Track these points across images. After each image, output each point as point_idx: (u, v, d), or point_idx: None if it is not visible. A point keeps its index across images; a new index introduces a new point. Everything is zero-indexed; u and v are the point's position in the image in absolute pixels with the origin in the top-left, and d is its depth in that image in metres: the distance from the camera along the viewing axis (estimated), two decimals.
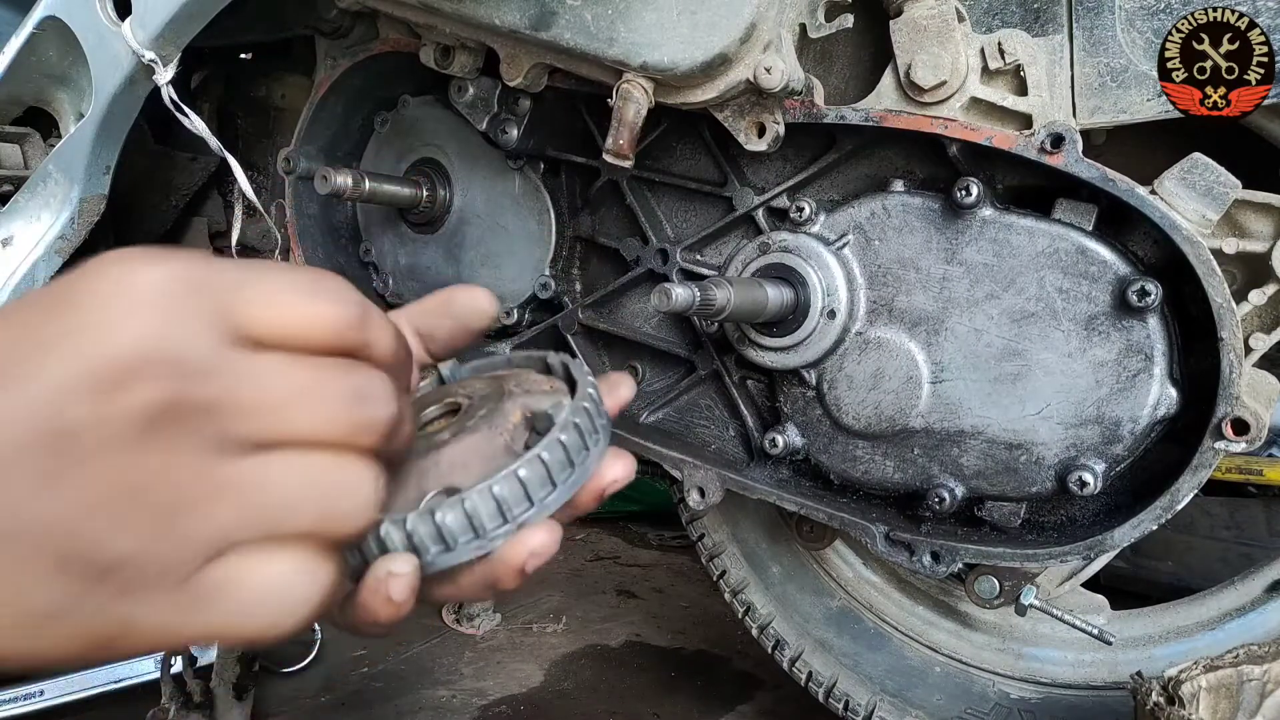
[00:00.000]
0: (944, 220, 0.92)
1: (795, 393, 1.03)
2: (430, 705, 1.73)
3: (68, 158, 1.23)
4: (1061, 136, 0.83)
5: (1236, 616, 1.21)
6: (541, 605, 2.26)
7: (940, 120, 0.88)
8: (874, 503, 1.03)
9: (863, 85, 0.98)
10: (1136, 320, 0.85)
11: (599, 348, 1.25)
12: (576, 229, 1.23)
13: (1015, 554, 0.93)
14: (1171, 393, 0.86)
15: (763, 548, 1.47)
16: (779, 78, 0.86)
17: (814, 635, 1.41)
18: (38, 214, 1.26)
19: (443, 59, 1.10)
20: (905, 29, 0.88)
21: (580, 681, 1.85)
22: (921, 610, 1.37)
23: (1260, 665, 0.91)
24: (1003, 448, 0.91)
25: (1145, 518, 0.87)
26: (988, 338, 0.91)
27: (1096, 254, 0.86)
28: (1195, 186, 0.83)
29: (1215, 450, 0.83)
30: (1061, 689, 1.25)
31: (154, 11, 1.09)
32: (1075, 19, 0.89)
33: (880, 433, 0.97)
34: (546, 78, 1.03)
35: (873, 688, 1.34)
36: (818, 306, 0.96)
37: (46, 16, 1.18)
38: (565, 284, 1.23)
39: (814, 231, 0.98)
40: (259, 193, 1.29)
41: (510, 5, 0.93)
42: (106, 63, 1.15)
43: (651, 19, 0.87)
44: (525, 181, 1.22)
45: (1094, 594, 1.24)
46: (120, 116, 1.20)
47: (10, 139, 1.33)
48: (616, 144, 0.90)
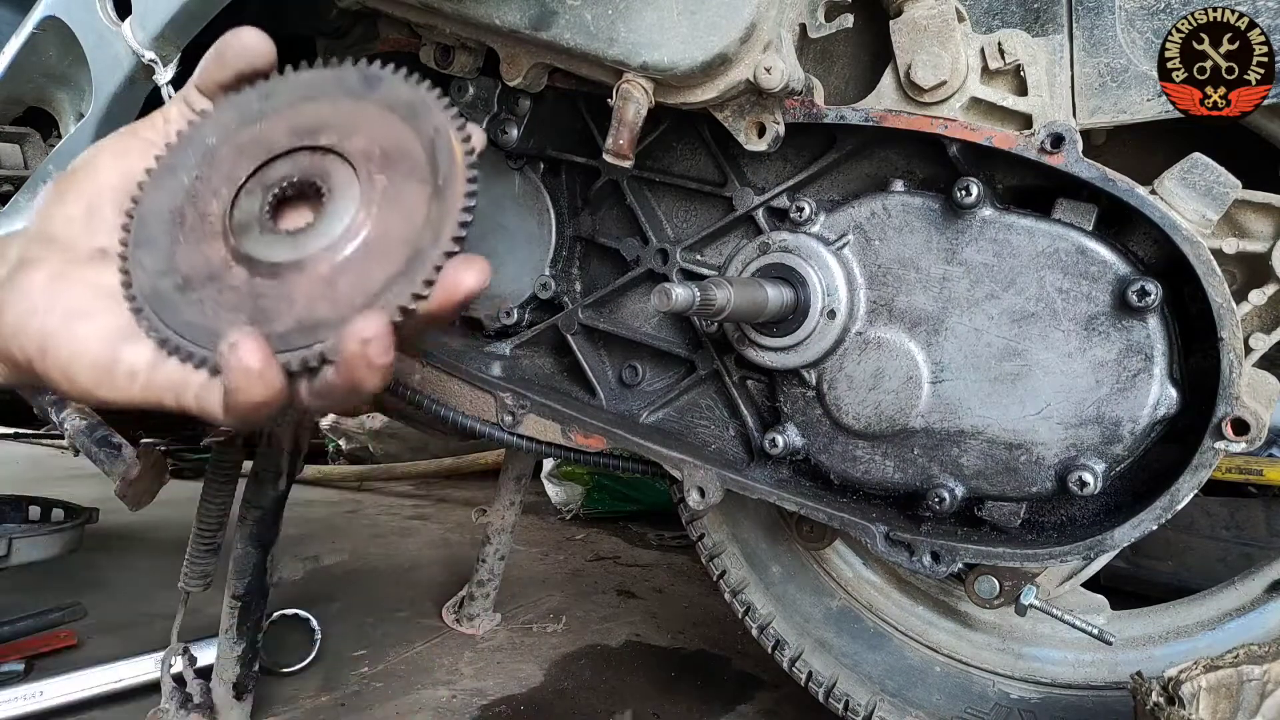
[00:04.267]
0: (944, 220, 0.92)
1: (795, 393, 1.03)
2: (430, 705, 1.73)
3: (68, 158, 1.22)
4: (1061, 136, 0.83)
5: (1236, 616, 1.21)
6: (541, 605, 2.26)
7: (940, 120, 0.88)
8: (874, 503, 1.03)
9: (863, 85, 0.98)
10: (1136, 320, 0.85)
11: (599, 347, 1.25)
12: (576, 229, 1.23)
13: (1015, 554, 0.93)
14: (1171, 393, 0.86)
15: (763, 548, 1.46)
16: (779, 78, 0.86)
17: (814, 635, 1.41)
18: None
19: (443, 59, 1.10)
20: (905, 29, 0.88)
21: (580, 681, 1.85)
22: (921, 610, 1.37)
23: (1260, 665, 0.91)
24: (1003, 448, 0.91)
25: (1145, 518, 0.87)
26: (988, 338, 0.91)
27: (1096, 254, 0.86)
28: (1195, 186, 0.83)
29: (1215, 450, 0.83)
30: (1061, 689, 1.25)
31: (154, 11, 1.09)
32: (1075, 19, 0.89)
33: (880, 433, 0.97)
34: (546, 78, 1.03)
35: (873, 688, 1.34)
36: (818, 306, 0.96)
37: (46, 16, 1.18)
38: (565, 284, 1.23)
39: (814, 231, 0.98)
40: None
41: (510, 5, 0.93)
42: (106, 63, 1.15)
43: (651, 19, 0.87)
44: (525, 181, 1.22)
45: (1094, 594, 1.24)
46: (120, 116, 1.20)
47: (10, 139, 1.33)
48: (616, 144, 0.89)
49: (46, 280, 0.55)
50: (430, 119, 0.54)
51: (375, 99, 0.56)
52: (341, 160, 0.54)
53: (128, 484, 1.31)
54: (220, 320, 0.52)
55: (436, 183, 0.52)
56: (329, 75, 0.57)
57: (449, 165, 0.52)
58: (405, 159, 0.53)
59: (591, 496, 2.99)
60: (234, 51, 0.58)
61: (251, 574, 1.57)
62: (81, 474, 2.89)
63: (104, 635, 1.98)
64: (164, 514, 2.05)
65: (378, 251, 0.51)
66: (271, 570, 1.56)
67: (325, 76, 0.57)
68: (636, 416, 1.18)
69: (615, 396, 1.22)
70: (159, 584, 1.90)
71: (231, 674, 1.58)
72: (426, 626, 2.10)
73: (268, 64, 0.58)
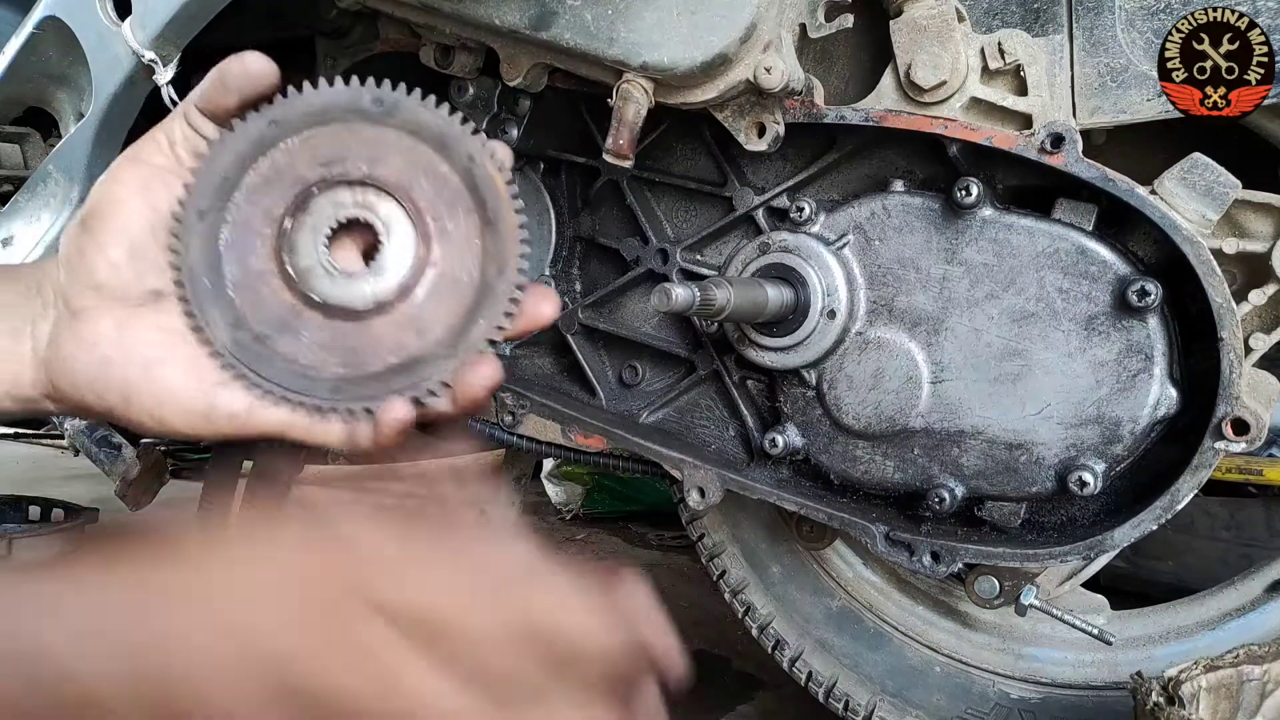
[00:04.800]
0: (944, 220, 0.92)
1: (795, 393, 1.03)
2: None
3: (68, 158, 1.23)
4: (1061, 136, 0.83)
5: (1236, 616, 1.21)
6: None
7: (940, 120, 0.88)
8: (874, 503, 1.03)
9: (863, 85, 0.98)
10: (1136, 320, 0.85)
11: (599, 347, 1.25)
12: (576, 229, 1.23)
13: (1015, 554, 0.93)
14: (1171, 393, 0.86)
15: (763, 548, 1.46)
16: (779, 78, 0.86)
17: (814, 635, 1.41)
18: (38, 214, 1.26)
19: (443, 59, 1.10)
20: (905, 29, 0.88)
21: None
22: (921, 610, 1.37)
23: (1260, 665, 0.91)
24: (1003, 448, 0.91)
25: (1145, 518, 0.87)
26: (988, 338, 0.91)
27: (1096, 254, 0.86)
28: (1195, 186, 0.83)
29: (1215, 450, 0.83)
30: (1061, 689, 1.25)
31: (154, 11, 1.09)
32: (1075, 19, 0.89)
33: (880, 433, 0.97)
34: (546, 78, 1.03)
35: (873, 688, 1.34)
36: (818, 306, 0.96)
37: (46, 16, 1.18)
38: (565, 284, 1.23)
39: (814, 231, 0.98)
40: None
41: (510, 5, 0.92)
42: (106, 63, 1.15)
43: (651, 19, 0.87)
44: (525, 181, 1.22)
45: (1094, 594, 1.24)
46: (120, 116, 1.20)
47: (10, 139, 1.33)
48: (616, 144, 0.89)
49: (114, 330, 0.56)
50: (461, 146, 0.55)
51: (394, 124, 0.56)
52: (384, 194, 0.55)
53: (128, 484, 1.31)
54: (314, 367, 0.55)
55: (485, 214, 0.54)
56: (339, 97, 0.56)
57: (494, 197, 0.55)
58: (445, 189, 0.55)
59: (591, 496, 2.98)
60: (236, 75, 0.57)
61: None
62: (81, 474, 2.88)
63: None
64: (164, 514, 2.05)
65: (448, 287, 0.55)
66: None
67: (335, 98, 0.56)
68: (636, 416, 1.18)
69: (615, 396, 1.22)
70: None
71: None
72: None
73: (271, 87, 0.57)
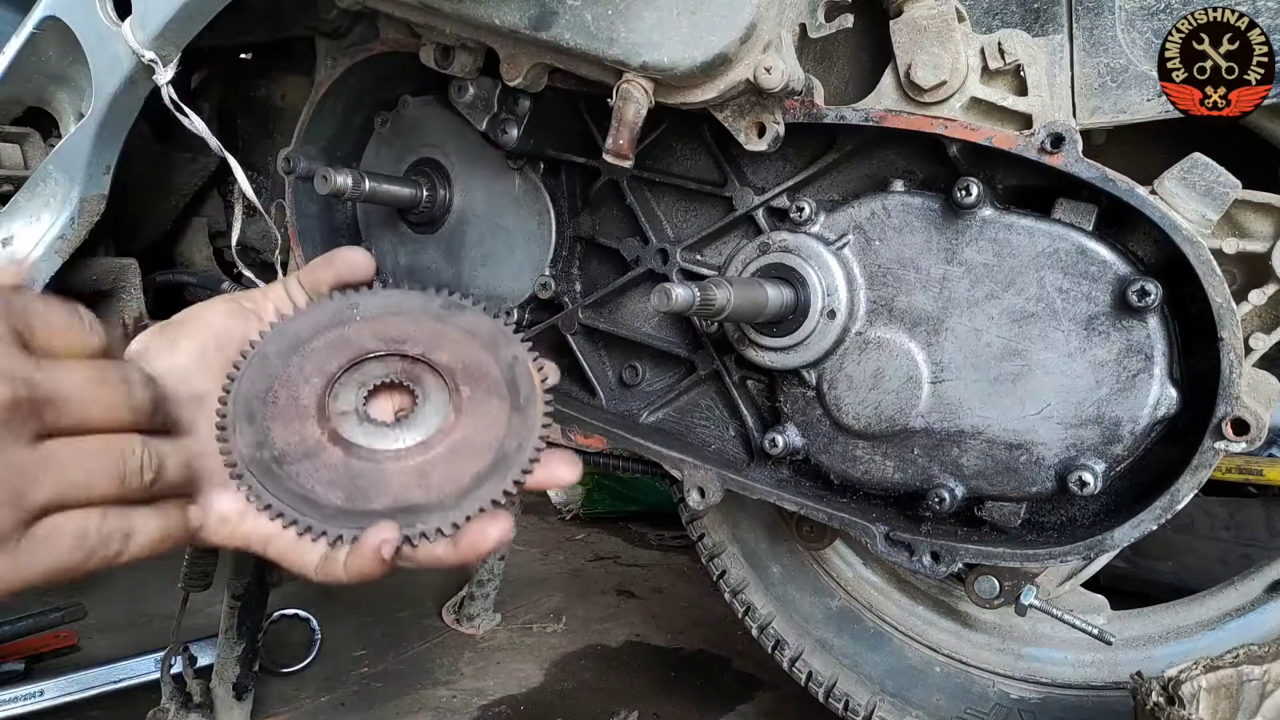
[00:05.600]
0: (944, 220, 0.92)
1: (795, 393, 1.03)
2: (430, 705, 1.73)
3: (68, 158, 1.23)
4: (1061, 136, 0.83)
5: (1236, 616, 1.22)
6: (541, 605, 2.26)
7: (940, 120, 0.88)
8: (874, 503, 1.03)
9: (863, 85, 0.98)
10: (1136, 320, 0.85)
11: (599, 347, 1.25)
12: (576, 229, 1.23)
13: (1015, 554, 0.93)
14: (1171, 393, 0.86)
15: (763, 548, 1.46)
16: (779, 78, 0.86)
17: (814, 635, 1.41)
18: (38, 214, 1.26)
19: (443, 59, 1.10)
20: (905, 29, 0.88)
21: (580, 681, 1.85)
22: (921, 610, 1.37)
23: (1260, 665, 0.91)
24: (1003, 448, 0.91)
25: (1145, 518, 0.87)
26: (988, 338, 0.91)
27: (1096, 254, 0.86)
28: (1195, 186, 0.83)
29: (1215, 450, 0.83)
30: (1061, 689, 1.25)
31: (154, 11, 1.09)
32: (1075, 19, 0.89)
33: (880, 433, 0.97)
34: (546, 78, 1.03)
35: (873, 688, 1.34)
36: (818, 306, 0.96)
37: (46, 16, 1.18)
38: (565, 284, 1.23)
39: (814, 231, 0.98)
40: (259, 193, 1.29)
41: (510, 5, 0.92)
42: (106, 63, 1.15)
43: (651, 19, 0.87)
44: (525, 181, 1.22)
45: (1094, 594, 1.24)
46: (120, 116, 1.20)
47: (10, 139, 1.33)
48: (616, 144, 0.89)
49: None
50: (509, 348, 0.64)
51: (457, 323, 0.65)
52: (430, 369, 0.63)
53: None
54: (318, 494, 0.60)
55: (516, 401, 0.62)
56: (415, 297, 0.67)
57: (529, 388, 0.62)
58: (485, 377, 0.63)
59: (592, 496, 2.98)
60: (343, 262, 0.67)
61: (251, 574, 1.57)
62: None
63: (104, 635, 1.98)
64: None
65: (465, 452, 0.61)
66: (271, 570, 1.56)
67: (412, 297, 0.67)
68: (636, 416, 1.18)
69: (615, 396, 1.22)
70: (159, 584, 1.91)
71: (231, 674, 1.58)
72: (426, 626, 2.10)
73: (365, 278, 0.68)
